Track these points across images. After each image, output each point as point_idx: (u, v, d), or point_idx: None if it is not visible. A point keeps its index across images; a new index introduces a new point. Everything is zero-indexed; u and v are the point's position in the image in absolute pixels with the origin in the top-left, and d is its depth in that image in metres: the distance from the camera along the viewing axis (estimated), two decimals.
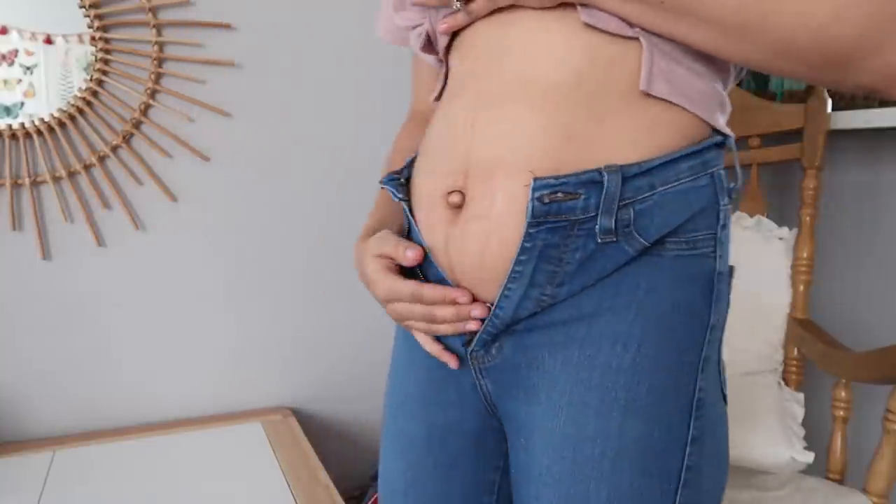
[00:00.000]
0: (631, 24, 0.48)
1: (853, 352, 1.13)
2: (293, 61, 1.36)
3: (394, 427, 0.66)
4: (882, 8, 0.41)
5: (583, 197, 0.47)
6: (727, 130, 0.52)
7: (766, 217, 1.38)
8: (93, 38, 1.20)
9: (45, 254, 1.23)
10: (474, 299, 0.54)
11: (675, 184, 0.48)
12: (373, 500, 1.39)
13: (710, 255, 0.50)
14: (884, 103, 1.47)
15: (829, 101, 1.30)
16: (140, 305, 1.31)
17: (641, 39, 0.48)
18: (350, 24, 1.39)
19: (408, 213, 0.58)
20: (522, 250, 0.49)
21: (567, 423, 0.50)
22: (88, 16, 1.19)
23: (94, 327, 1.28)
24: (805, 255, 1.31)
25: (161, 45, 1.25)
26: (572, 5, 0.49)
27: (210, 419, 1.35)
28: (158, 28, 1.25)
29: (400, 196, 0.59)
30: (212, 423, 1.32)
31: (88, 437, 1.26)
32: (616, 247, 0.48)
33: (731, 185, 0.51)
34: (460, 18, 0.54)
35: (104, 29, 1.21)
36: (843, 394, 1.16)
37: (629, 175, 0.47)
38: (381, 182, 0.61)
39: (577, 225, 0.48)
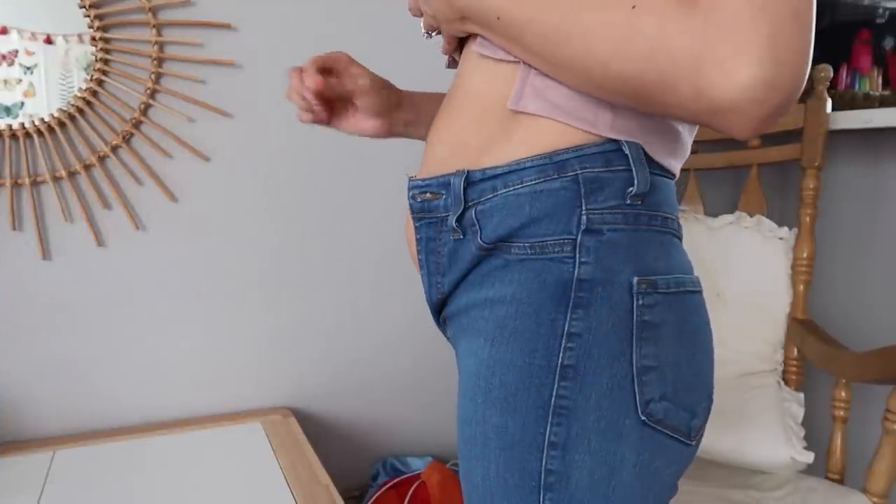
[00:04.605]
0: None
1: (853, 352, 1.13)
2: (293, 61, 1.36)
3: None
4: (655, 45, 0.41)
5: (443, 197, 0.55)
6: (621, 136, 0.50)
7: (766, 217, 1.38)
8: (93, 38, 1.20)
9: (45, 254, 1.23)
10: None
11: (518, 186, 0.50)
12: (373, 499, 1.39)
13: (564, 261, 0.49)
14: (884, 103, 1.48)
15: (829, 101, 1.30)
16: (140, 305, 1.31)
17: (521, 61, 0.52)
18: (350, 23, 1.39)
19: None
20: (417, 241, 0.58)
21: (461, 404, 0.55)
22: (88, 16, 1.19)
23: (94, 327, 1.28)
24: (805, 255, 1.31)
25: (161, 45, 1.25)
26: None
27: (210, 419, 1.35)
28: (158, 28, 1.25)
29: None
30: (212, 423, 1.32)
31: (88, 437, 1.26)
32: (466, 244, 0.54)
33: (629, 189, 0.49)
34: (445, 46, 0.61)
35: (104, 29, 1.21)
36: (843, 394, 1.16)
37: (474, 179, 0.53)
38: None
39: (443, 221, 0.56)
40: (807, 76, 0.40)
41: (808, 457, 1.17)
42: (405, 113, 0.75)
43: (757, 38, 0.38)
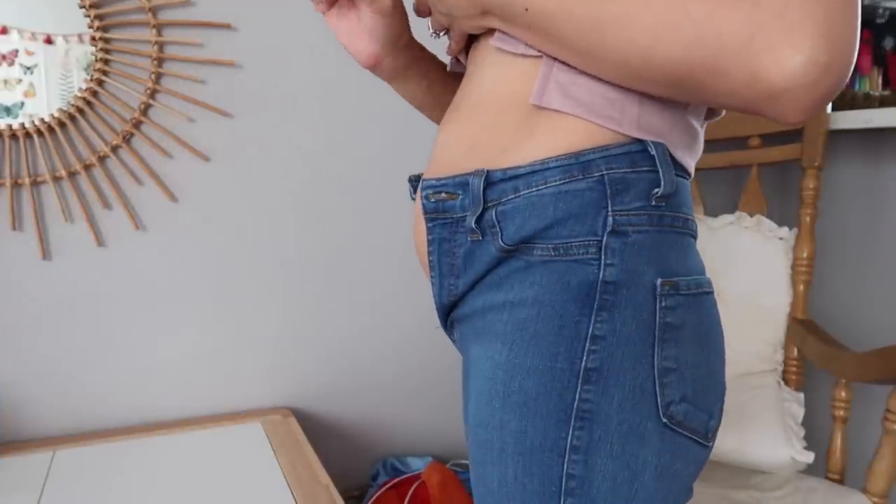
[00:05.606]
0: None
1: (853, 352, 1.13)
2: (293, 61, 1.36)
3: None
4: (703, 31, 0.41)
5: (460, 197, 0.54)
6: (646, 136, 0.49)
7: (766, 217, 1.38)
8: (93, 38, 1.21)
9: (45, 254, 1.23)
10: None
11: (542, 187, 0.49)
12: (373, 499, 1.39)
13: (590, 262, 0.48)
14: (884, 103, 1.48)
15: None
16: (140, 305, 1.31)
17: (544, 56, 0.50)
18: None
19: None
20: (429, 242, 0.57)
21: (475, 408, 0.54)
22: (88, 16, 1.19)
23: (94, 327, 1.28)
24: (805, 255, 1.31)
25: (161, 45, 1.25)
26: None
27: (210, 419, 1.35)
28: (158, 28, 1.25)
29: (414, 198, 0.67)
30: (212, 423, 1.32)
31: (88, 437, 1.26)
32: (484, 246, 0.53)
33: (655, 190, 0.49)
34: (453, 46, 0.60)
35: (104, 29, 1.21)
36: (843, 394, 1.16)
37: (494, 179, 0.51)
38: (409, 179, 0.69)
39: (459, 222, 0.54)
40: (855, 60, 0.40)
41: (809, 457, 1.17)
42: (404, 56, 0.68)
43: (811, 23, 0.38)
